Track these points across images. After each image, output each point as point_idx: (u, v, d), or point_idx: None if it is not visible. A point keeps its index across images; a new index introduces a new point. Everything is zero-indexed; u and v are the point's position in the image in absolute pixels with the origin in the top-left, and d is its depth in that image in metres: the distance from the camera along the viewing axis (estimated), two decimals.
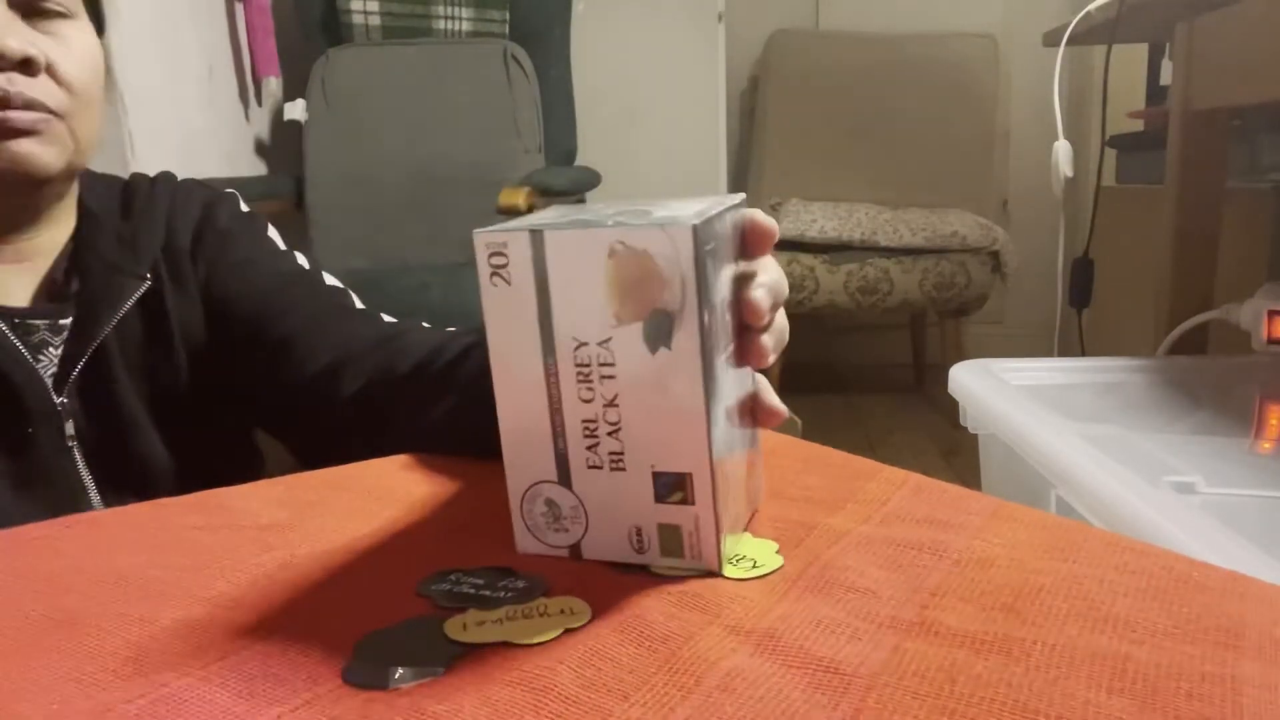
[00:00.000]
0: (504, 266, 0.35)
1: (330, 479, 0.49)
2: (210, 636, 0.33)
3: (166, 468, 0.63)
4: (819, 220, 2.71)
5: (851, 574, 0.36)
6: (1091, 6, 1.41)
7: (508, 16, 2.25)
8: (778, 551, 0.38)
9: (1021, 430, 0.93)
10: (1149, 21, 1.39)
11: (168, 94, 1.69)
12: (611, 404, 0.35)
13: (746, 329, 0.38)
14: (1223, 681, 0.29)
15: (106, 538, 0.41)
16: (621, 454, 0.36)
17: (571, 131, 2.36)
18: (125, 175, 0.71)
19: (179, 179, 0.72)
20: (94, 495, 0.60)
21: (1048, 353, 1.42)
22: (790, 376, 2.80)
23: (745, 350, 0.38)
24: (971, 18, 3.17)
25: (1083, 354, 1.56)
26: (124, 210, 0.67)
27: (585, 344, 0.35)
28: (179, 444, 0.64)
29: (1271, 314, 1.23)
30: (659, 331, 0.34)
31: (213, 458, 0.63)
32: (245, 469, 0.69)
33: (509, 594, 0.35)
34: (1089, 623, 0.32)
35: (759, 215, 0.39)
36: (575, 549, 0.38)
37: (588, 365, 0.35)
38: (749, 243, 0.39)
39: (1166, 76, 1.94)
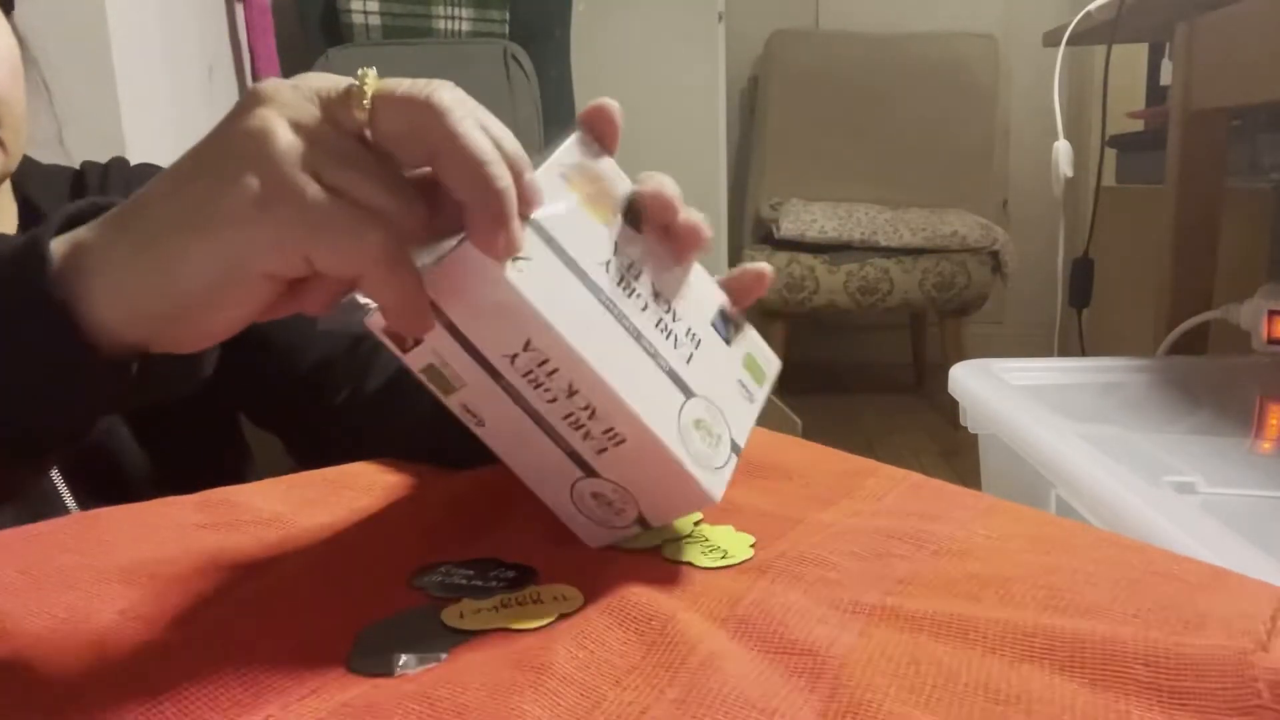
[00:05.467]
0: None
1: (331, 477, 0.49)
2: (214, 629, 0.33)
3: (143, 469, 0.61)
4: (819, 220, 2.71)
5: (822, 565, 0.37)
6: (1091, 6, 1.41)
7: (508, 16, 2.25)
8: (752, 545, 0.39)
9: (1021, 430, 0.93)
10: (1149, 21, 1.39)
11: (168, 94, 1.69)
12: (657, 296, 0.37)
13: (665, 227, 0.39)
14: (1172, 658, 0.29)
15: (111, 535, 0.42)
16: (690, 328, 0.37)
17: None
18: None
19: (133, 164, 0.68)
20: (69, 501, 0.58)
21: (1048, 353, 1.42)
22: (790, 376, 2.79)
23: (678, 243, 0.39)
24: (971, 18, 3.17)
25: (1083, 354, 1.56)
26: None
27: (608, 261, 0.35)
28: (155, 445, 0.62)
29: (1271, 314, 1.23)
30: (632, 212, 0.37)
31: (193, 457, 0.61)
32: (230, 467, 0.68)
33: (500, 583, 0.36)
34: (1049, 610, 0.33)
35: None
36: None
37: (621, 276, 0.36)
38: (598, 127, 0.40)
39: (1166, 76, 1.94)
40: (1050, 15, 2.58)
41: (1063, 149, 1.49)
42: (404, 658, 0.30)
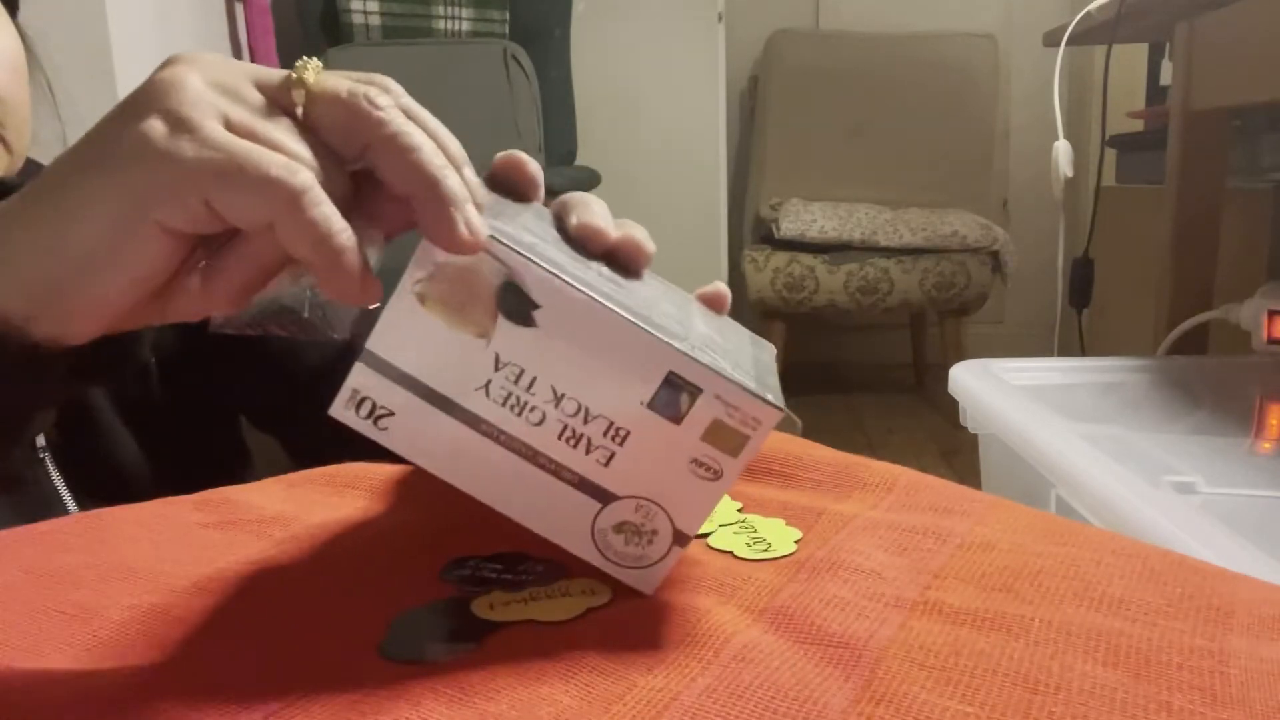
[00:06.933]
0: (375, 407, 0.32)
1: (332, 476, 0.49)
2: (231, 622, 0.33)
3: (143, 472, 0.61)
4: (819, 220, 2.71)
5: (858, 556, 0.37)
6: (1091, 6, 1.41)
7: (508, 17, 2.26)
8: (797, 541, 0.39)
9: (1021, 430, 0.93)
10: (1149, 21, 1.39)
11: None
12: (560, 398, 0.32)
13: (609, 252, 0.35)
14: (1211, 655, 0.30)
15: (114, 534, 0.42)
16: (612, 422, 0.32)
17: (571, 131, 2.36)
18: None
19: None
20: (70, 504, 0.58)
21: (1048, 353, 1.42)
22: (790, 376, 2.79)
23: (624, 260, 0.35)
24: (971, 18, 3.17)
25: (1083, 354, 1.56)
26: None
27: (488, 381, 0.31)
28: (155, 447, 0.62)
29: (1271, 314, 1.24)
30: (518, 304, 0.31)
31: (193, 458, 0.61)
32: (230, 468, 0.68)
33: (530, 576, 0.36)
34: (1085, 601, 0.33)
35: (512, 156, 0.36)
36: (679, 536, 0.33)
37: (508, 394, 0.32)
38: (515, 185, 0.36)
39: (1166, 76, 1.94)
40: (1050, 15, 2.58)
41: (1063, 149, 1.49)
42: (436, 645, 0.31)
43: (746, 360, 0.35)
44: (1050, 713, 0.27)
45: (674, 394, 0.32)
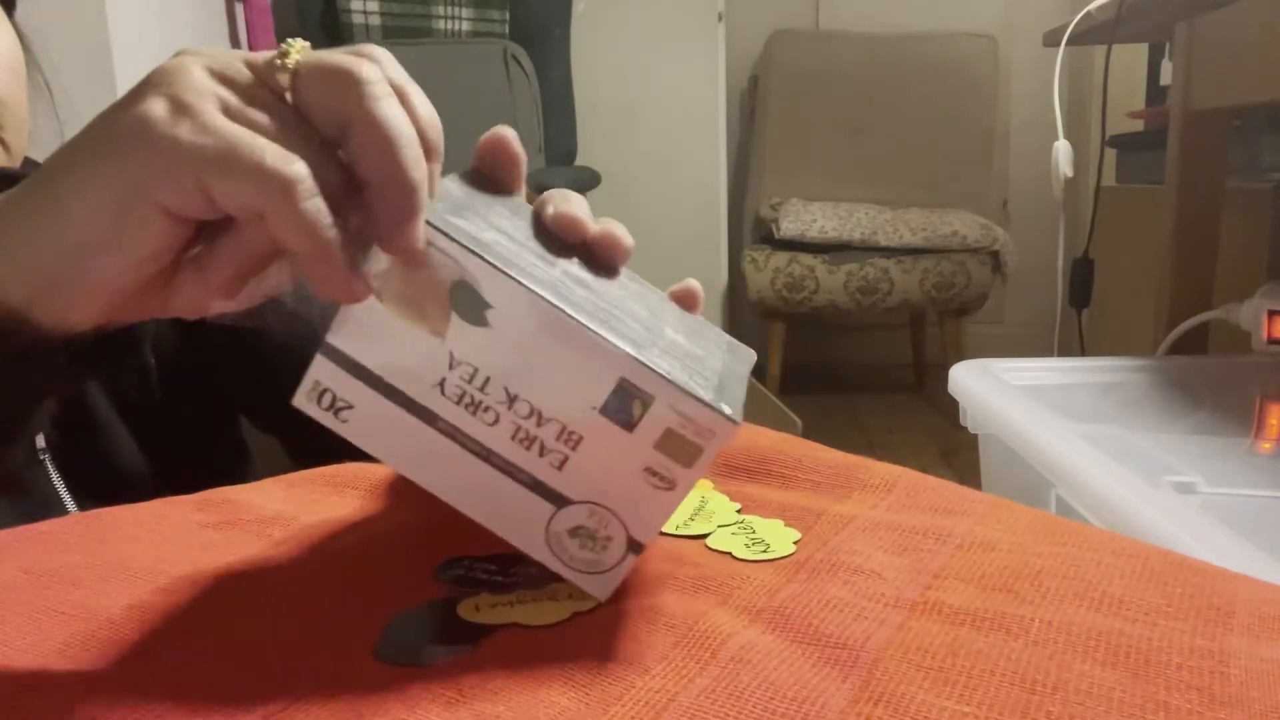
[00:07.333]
0: (335, 399, 0.31)
1: (332, 476, 0.49)
2: (229, 624, 0.33)
3: (143, 473, 0.61)
4: (819, 220, 2.71)
5: (858, 557, 0.37)
6: (1091, 6, 1.41)
7: (508, 17, 2.26)
8: (795, 541, 0.39)
9: (1021, 430, 0.93)
10: (1149, 21, 1.39)
11: None
12: (513, 399, 0.31)
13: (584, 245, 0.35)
14: (1211, 655, 0.30)
15: (114, 534, 0.42)
16: (565, 425, 0.31)
17: (571, 131, 2.36)
18: None
19: None
20: (70, 504, 0.58)
21: (1048, 353, 1.42)
22: (790, 376, 2.80)
23: (602, 254, 0.35)
24: (971, 18, 3.17)
25: (1083, 354, 1.56)
26: None
27: (443, 379, 0.31)
28: (155, 448, 0.62)
29: (1271, 314, 1.23)
30: (470, 303, 0.30)
31: (193, 458, 0.61)
32: (230, 469, 0.67)
33: (521, 579, 0.36)
34: (1085, 602, 0.33)
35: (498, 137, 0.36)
36: (633, 543, 0.33)
37: (462, 393, 0.31)
38: (496, 165, 0.36)
39: (1166, 76, 1.94)
40: (1050, 15, 2.58)
41: (1063, 149, 1.49)
42: (431, 648, 0.31)
43: (713, 369, 0.34)
44: (1048, 712, 0.27)
45: (626, 401, 0.31)
